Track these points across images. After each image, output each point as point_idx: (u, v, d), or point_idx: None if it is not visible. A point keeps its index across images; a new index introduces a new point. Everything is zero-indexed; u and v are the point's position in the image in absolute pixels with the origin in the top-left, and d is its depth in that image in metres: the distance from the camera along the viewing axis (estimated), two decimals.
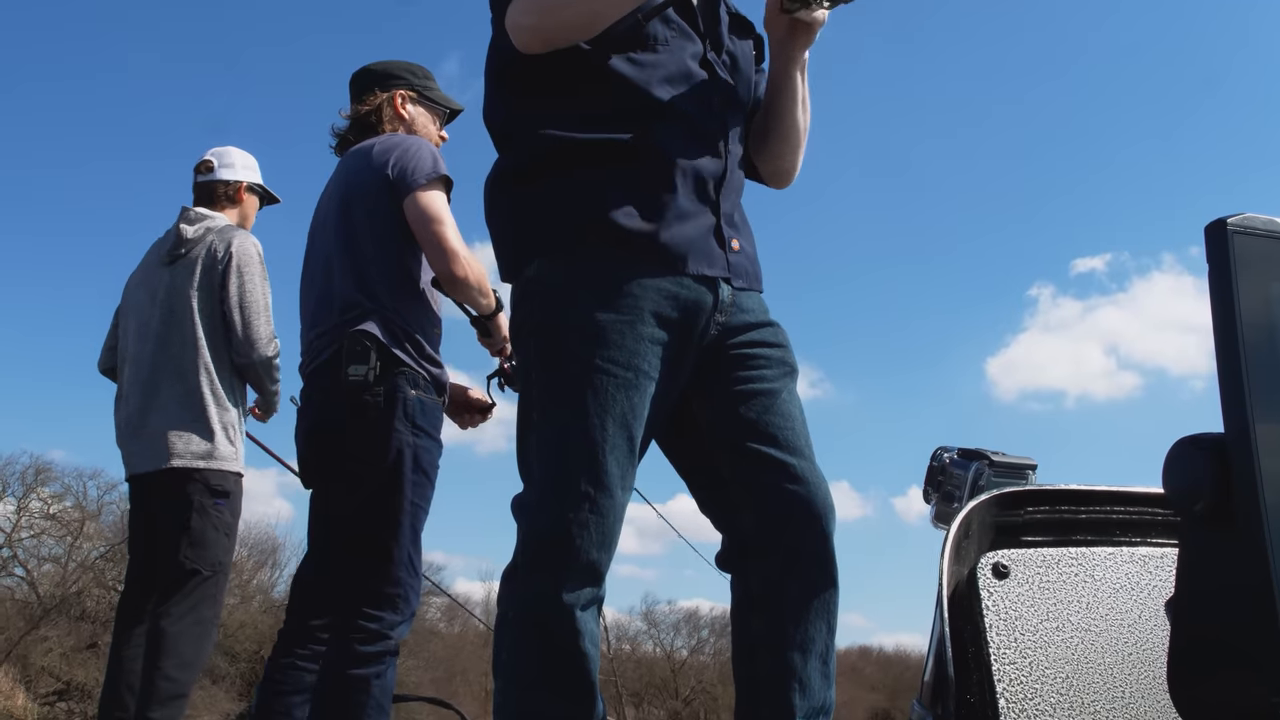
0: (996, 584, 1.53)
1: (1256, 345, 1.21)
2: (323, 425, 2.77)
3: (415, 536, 2.71)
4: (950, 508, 1.80)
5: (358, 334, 2.66)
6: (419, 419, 2.69)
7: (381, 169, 2.78)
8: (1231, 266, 1.23)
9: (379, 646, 2.62)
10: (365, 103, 3.01)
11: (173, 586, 3.39)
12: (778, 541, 1.78)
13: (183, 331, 3.52)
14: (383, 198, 2.77)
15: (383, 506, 2.66)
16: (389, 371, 2.66)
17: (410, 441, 2.67)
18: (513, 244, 1.87)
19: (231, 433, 3.51)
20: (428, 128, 3.09)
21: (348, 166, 2.93)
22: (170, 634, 3.32)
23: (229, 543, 3.47)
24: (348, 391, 2.64)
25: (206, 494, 3.43)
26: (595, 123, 1.81)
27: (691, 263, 1.79)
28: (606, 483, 1.69)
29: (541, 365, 1.77)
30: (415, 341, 2.73)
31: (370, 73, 3.08)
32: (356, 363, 2.62)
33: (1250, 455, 1.17)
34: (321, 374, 2.74)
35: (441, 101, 3.12)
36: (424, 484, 2.72)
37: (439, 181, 2.78)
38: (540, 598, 1.67)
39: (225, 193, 3.75)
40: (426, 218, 2.72)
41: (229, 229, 3.62)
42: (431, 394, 2.75)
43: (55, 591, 23.71)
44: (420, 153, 2.80)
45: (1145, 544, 1.63)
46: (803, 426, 1.85)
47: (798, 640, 1.76)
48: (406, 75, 3.07)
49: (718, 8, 2.00)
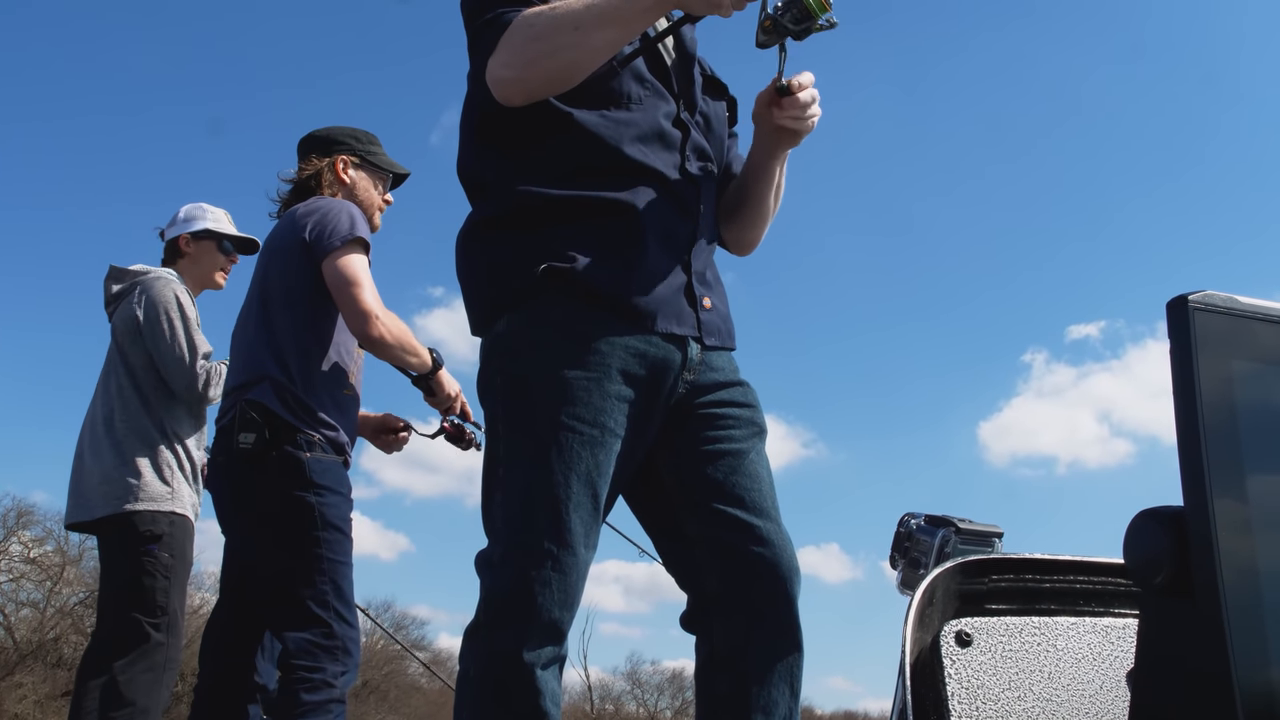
0: (959, 652, 1.52)
1: (1216, 421, 1.22)
2: (228, 486, 2.86)
3: (339, 590, 2.76)
4: (916, 574, 1.80)
5: (248, 403, 2.76)
6: (318, 478, 2.76)
7: (300, 231, 2.86)
8: (1192, 343, 1.24)
9: (324, 695, 2.65)
10: (306, 167, 3.09)
11: (118, 634, 3.40)
12: (742, 603, 1.78)
13: (111, 381, 3.62)
14: (298, 260, 2.86)
15: (303, 567, 2.72)
16: (279, 438, 2.74)
17: (314, 501, 2.74)
18: (482, 298, 1.87)
19: (168, 473, 3.51)
20: (369, 192, 3.15)
21: (278, 227, 3.03)
22: (120, 682, 3.32)
23: (168, 583, 3.43)
24: (239, 459, 2.75)
25: (137, 539, 3.44)
26: (568, 179, 1.83)
27: (660, 321, 1.80)
28: (570, 540, 1.69)
29: (508, 421, 1.78)
30: (307, 407, 2.80)
31: (314, 138, 3.16)
32: (246, 431, 2.74)
33: (1208, 529, 1.18)
34: (225, 436, 2.84)
35: (385, 165, 3.20)
36: (338, 539, 2.78)
37: (356, 244, 2.85)
38: (501, 656, 1.66)
39: (172, 249, 3.85)
40: (342, 280, 2.79)
41: (151, 280, 3.68)
42: (329, 453, 2.81)
43: (32, 637, 23.39)
44: (338, 216, 2.87)
45: (1109, 614, 1.62)
46: (770, 488, 1.85)
47: (761, 703, 1.75)
48: (349, 140, 3.15)
49: (692, 69, 2.02)
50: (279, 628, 2.76)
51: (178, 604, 3.47)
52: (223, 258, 3.85)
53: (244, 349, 2.91)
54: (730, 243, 2.12)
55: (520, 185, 1.84)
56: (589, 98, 1.84)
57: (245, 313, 3.00)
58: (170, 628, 3.42)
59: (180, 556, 3.50)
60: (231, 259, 3.88)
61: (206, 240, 3.84)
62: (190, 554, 3.57)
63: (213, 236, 3.84)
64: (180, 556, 3.50)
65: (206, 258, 3.83)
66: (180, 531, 3.51)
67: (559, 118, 1.84)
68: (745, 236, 2.12)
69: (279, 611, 2.75)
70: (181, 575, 3.50)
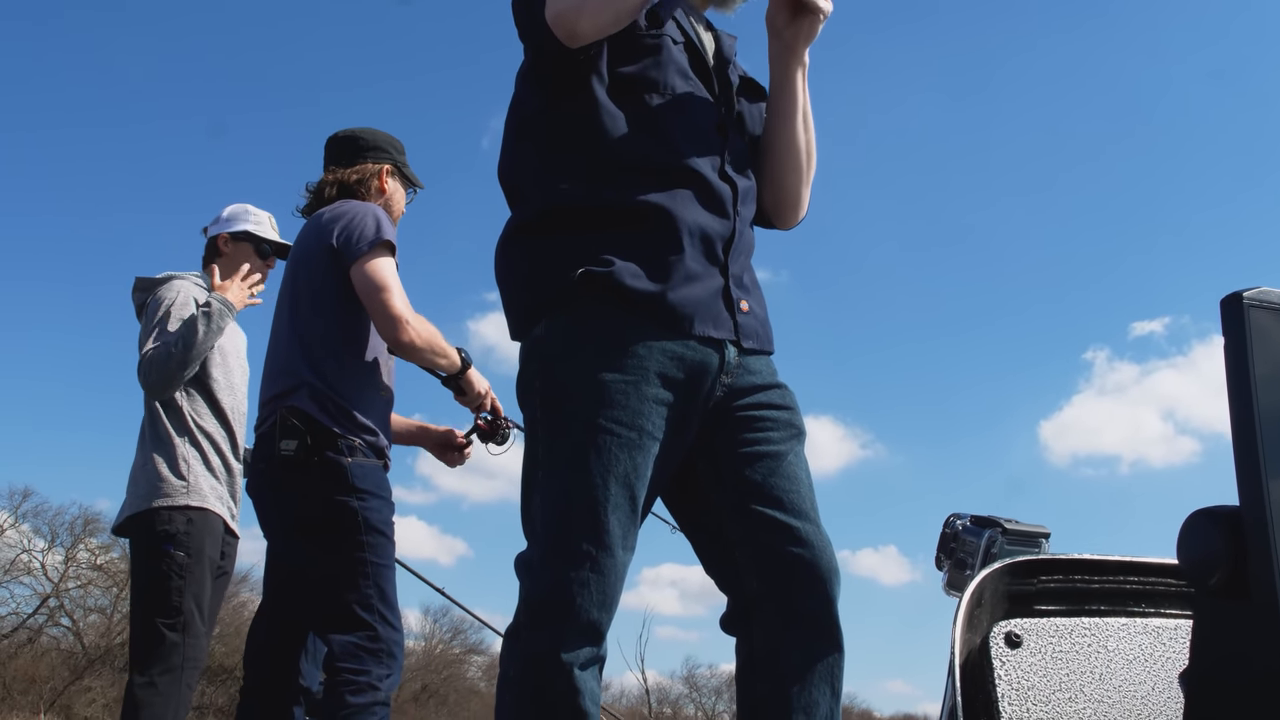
0: (1009, 653, 1.51)
1: (1271, 418, 1.21)
2: (270, 492, 2.87)
3: (383, 594, 2.76)
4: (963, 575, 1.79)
5: (288, 410, 2.77)
6: (360, 483, 2.76)
7: (327, 237, 2.86)
8: (1248, 340, 1.23)
9: (369, 697, 2.65)
10: (354, 170, 3.09)
11: (139, 641, 3.42)
12: (782, 604, 1.77)
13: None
14: (326, 265, 2.86)
15: (348, 571, 2.73)
16: (320, 444, 2.75)
17: (357, 506, 2.75)
18: (520, 303, 1.87)
19: (184, 466, 3.49)
20: (400, 204, 3.18)
21: (304, 232, 3.03)
22: (138, 684, 3.33)
23: (183, 583, 3.41)
24: (280, 466, 2.76)
25: (153, 539, 3.44)
26: (605, 181, 1.82)
27: (698, 325, 1.79)
28: (608, 542, 1.68)
29: (546, 424, 1.77)
30: (347, 412, 2.80)
31: (358, 141, 3.16)
32: (287, 438, 2.75)
33: (1265, 528, 1.17)
34: (265, 443, 2.84)
35: (413, 180, 3.22)
36: (382, 543, 2.78)
37: (382, 247, 2.84)
38: (540, 657, 1.66)
39: (211, 247, 3.85)
40: (372, 286, 2.80)
41: (162, 283, 3.69)
42: (370, 457, 2.82)
43: (100, 642, 23.63)
44: (364, 220, 2.87)
45: (1159, 615, 1.61)
46: (809, 490, 1.84)
47: (801, 704, 1.74)
48: (390, 150, 3.17)
49: (729, 71, 2.02)
50: (324, 631, 2.77)
51: (194, 603, 3.43)
52: (260, 261, 3.83)
53: (279, 356, 2.92)
54: (771, 207, 2.06)
55: (557, 189, 1.84)
56: (630, 91, 1.85)
57: (278, 320, 3.01)
58: (186, 627, 3.40)
59: (198, 554, 3.46)
60: (269, 264, 3.85)
61: (245, 242, 3.82)
62: (213, 549, 3.52)
63: (251, 239, 3.83)
64: (198, 554, 3.46)
65: (242, 259, 3.80)
66: (199, 528, 3.48)
67: (597, 117, 1.83)
68: (783, 192, 2.04)
69: (324, 615, 2.76)
70: (200, 573, 3.46)
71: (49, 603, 23.54)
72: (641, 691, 31.37)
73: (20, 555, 23.33)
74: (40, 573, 23.45)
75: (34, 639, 23.01)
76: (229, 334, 3.71)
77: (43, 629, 23.40)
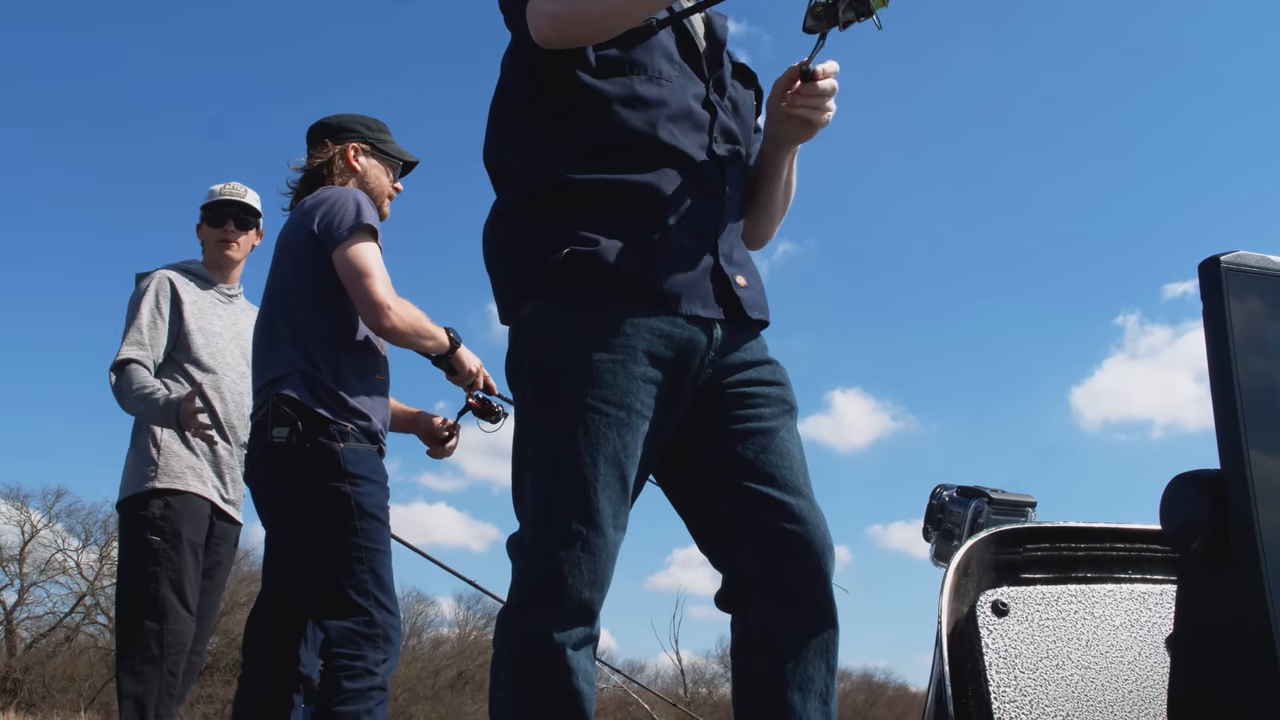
0: (996, 622, 1.52)
1: (1251, 382, 1.21)
2: (265, 480, 2.87)
3: (379, 578, 2.76)
4: (950, 546, 1.80)
5: (280, 397, 2.77)
6: (353, 468, 2.76)
7: (309, 224, 2.87)
8: (1225, 304, 1.23)
9: (365, 683, 2.66)
10: (317, 155, 3.08)
11: (120, 631, 3.44)
12: (776, 581, 1.78)
13: None
14: (310, 252, 2.86)
15: (343, 557, 2.73)
16: (312, 431, 2.75)
17: (350, 491, 2.75)
18: (508, 284, 1.88)
19: (154, 451, 3.50)
20: (379, 180, 3.14)
21: (288, 222, 3.03)
22: (122, 672, 3.36)
23: (159, 569, 3.40)
24: (273, 453, 2.76)
25: (130, 524, 3.47)
26: (592, 161, 1.82)
27: (685, 303, 1.80)
28: (599, 521, 1.69)
29: (535, 404, 1.78)
30: (339, 398, 2.81)
31: (324, 125, 3.14)
32: (279, 425, 2.75)
33: (1246, 491, 1.17)
34: (259, 430, 2.85)
35: (395, 154, 3.18)
36: (376, 527, 2.79)
37: (364, 232, 2.84)
38: (532, 637, 1.67)
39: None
40: (353, 272, 2.80)
41: (145, 277, 3.70)
42: (363, 442, 2.82)
43: None
44: (344, 205, 2.86)
45: (1145, 580, 1.62)
46: (801, 465, 1.84)
47: (797, 679, 1.75)
48: (359, 128, 3.14)
49: (721, 54, 2.02)
50: (320, 617, 2.78)
51: (172, 589, 3.42)
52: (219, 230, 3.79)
53: (269, 344, 2.92)
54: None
55: (543, 169, 1.84)
56: (617, 74, 1.85)
57: (266, 307, 3.01)
58: (164, 614, 3.39)
59: (175, 538, 3.45)
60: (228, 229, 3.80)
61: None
62: (193, 532, 3.49)
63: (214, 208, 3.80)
64: (175, 538, 3.45)
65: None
66: (176, 512, 3.46)
67: (584, 98, 1.84)
68: (753, 232, 2.10)
69: (320, 601, 2.77)
70: (179, 557, 3.44)
71: (85, 601, 23.71)
72: (676, 671, 31.36)
73: (55, 555, 23.62)
74: (75, 571, 23.67)
75: (71, 637, 23.17)
76: (227, 316, 3.74)
77: (79, 627, 23.54)
